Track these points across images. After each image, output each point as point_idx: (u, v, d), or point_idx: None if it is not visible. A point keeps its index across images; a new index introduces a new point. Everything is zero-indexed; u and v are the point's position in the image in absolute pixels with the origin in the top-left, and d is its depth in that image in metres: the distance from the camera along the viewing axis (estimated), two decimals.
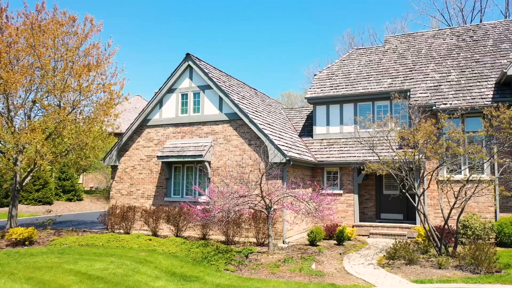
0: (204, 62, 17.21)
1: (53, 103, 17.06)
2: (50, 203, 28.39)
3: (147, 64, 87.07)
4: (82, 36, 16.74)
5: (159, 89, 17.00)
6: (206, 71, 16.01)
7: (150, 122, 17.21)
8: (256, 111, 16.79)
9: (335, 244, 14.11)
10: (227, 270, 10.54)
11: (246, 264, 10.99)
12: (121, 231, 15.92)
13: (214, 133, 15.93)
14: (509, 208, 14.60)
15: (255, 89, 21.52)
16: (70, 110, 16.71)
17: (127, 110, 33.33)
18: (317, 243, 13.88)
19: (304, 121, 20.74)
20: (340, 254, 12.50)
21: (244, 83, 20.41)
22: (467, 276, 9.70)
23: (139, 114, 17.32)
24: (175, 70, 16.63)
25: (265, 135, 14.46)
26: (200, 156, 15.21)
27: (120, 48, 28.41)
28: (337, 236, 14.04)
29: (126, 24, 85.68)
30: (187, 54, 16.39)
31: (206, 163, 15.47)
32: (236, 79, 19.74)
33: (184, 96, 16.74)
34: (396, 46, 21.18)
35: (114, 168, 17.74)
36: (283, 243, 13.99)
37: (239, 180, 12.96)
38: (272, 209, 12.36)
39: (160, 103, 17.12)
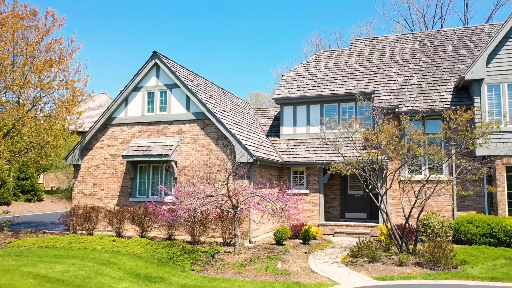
0: (171, 60, 17.01)
1: (12, 100, 16.37)
2: (7, 204, 27.19)
3: (113, 62, 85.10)
4: (43, 30, 16.16)
5: (125, 87, 16.66)
6: (173, 69, 15.83)
7: (115, 120, 16.83)
8: (223, 110, 16.76)
9: (300, 243, 14.29)
10: (193, 270, 10.47)
11: (212, 264, 10.95)
12: (84, 232, 15.48)
13: (181, 132, 15.77)
14: (466, 207, 15.27)
15: (223, 89, 21.47)
16: (30, 107, 16.08)
17: (91, 108, 32.41)
18: (283, 243, 14.01)
19: (271, 121, 20.88)
20: (306, 253, 12.67)
21: (212, 83, 20.32)
22: (426, 272, 10.08)
23: (104, 112, 16.91)
24: (142, 68, 16.35)
25: (233, 135, 14.46)
26: (167, 155, 15.02)
27: (85, 45, 27.64)
28: (303, 235, 14.23)
29: (91, 20, 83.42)
30: (154, 52, 16.15)
31: (173, 163, 15.30)
32: (204, 78, 19.63)
33: (151, 94, 16.48)
34: (361, 49, 21.69)
35: (77, 167, 17.23)
36: (250, 243, 14.03)
37: (205, 180, 12.90)
38: (239, 208, 12.38)
39: (126, 101, 16.78)
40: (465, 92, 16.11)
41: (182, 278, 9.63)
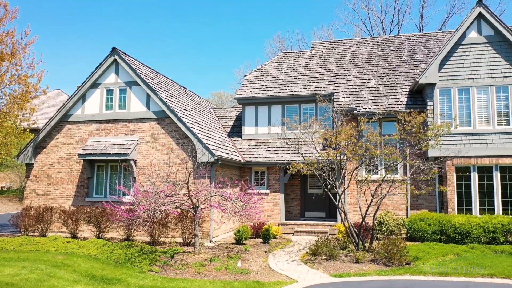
0: (131, 57, 16.65)
1: None
2: None
3: (70, 58, 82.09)
4: None
5: (82, 83, 16.14)
6: (134, 67, 15.51)
7: (72, 118, 16.27)
8: (185, 109, 16.60)
9: (261, 242, 14.39)
10: (152, 271, 10.31)
11: (171, 265, 10.83)
12: (36, 233, 14.85)
13: (140, 131, 15.47)
14: (419, 205, 15.94)
15: (184, 88, 21.26)
16: None
17: (45, 104, 31.12)
18: (244, 242, 14.06)
19: (233, 121, 20.89)
20: (266, 252, 12.78)
21: (173, 81, 20.07)
22: (380, 269, 10.43)
23: (59, 109, 16.30)
24: (100, 64, 15.90)
25: (194, 134, 14.35)
26: (126, 154, 14.70)
27: (39, 39, 26.52)
28: (263, 235, 14.34)
29: (47, 14, 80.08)
30: (113, 48, 15.75)
31: (132, 162, 14.98)
32: (165, 77, 19.35)
33: (110, 91, 16.06)
34: (322, 51, 22.13)
35: (30, 166, 16.50)
36: (210, 243, 13.98)
37: (166, 179, 12.73)
38: (199, 208, 12.31)
39: (83, 98, 16.26)
40: (419, 95, 16.82)
41: (140, 279, 9.45)
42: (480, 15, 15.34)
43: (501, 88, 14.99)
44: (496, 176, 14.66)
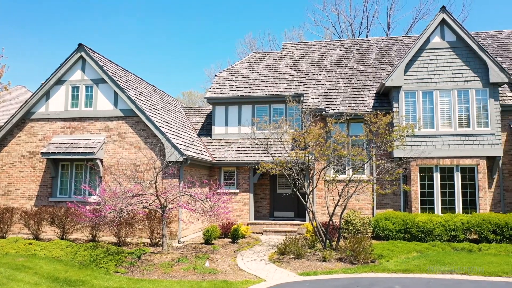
0: (99, 54, 16.28)
1: None
2: None
3: (35, 54, 79.21)
4: None
5: (46, 80, 15.63)
6: (101, 63, 15.16)
7: (35, 115, 15.74)
8: (154, 108, 16.38)
9: (230, 242, 14.38)
10: (118, 272, 10.11)
11: (138, 265, 10.66)
12: None
13: (108, 129, 15.14)
14: (384, 205, 16.36)
15: (154, 86, 20.96)
16: None
17: (7, 101, 29.93)
18: (213, 242, 14.01)
19: (203, 121, 20.77)
20: (234, 251, 12.79)
21: (142, 79, 19.76)
22: (347, 267, 10.64)
23: (22, 106, 15.72)
24: (66, 60, 15.46)
25: (162, 133, 14.18)
26: (92, 153, 14.35)
27: (2, 34, 25.46)
28: (232, 234, 14.34)
29: (10, 6, 76.95)
30: (80, 45, 15.35)
31: (98, 161, 14.65)
32: (134, 75, 19.02)
33: (75, 89, 15.64)
34: (292, 53, 22.35)
35: None
36: (178, 243, 13.85)
37: (133, 179, 12.52)
38: (167, 208, 12.17)
39: (47, 95, 15.76)
40: (386, 97, 17.27)
41: (105, 281, 9.26)
42: (443, 21, 15.91)
43: (462, 92, 15.59)
44: (457, 176, 15.25)
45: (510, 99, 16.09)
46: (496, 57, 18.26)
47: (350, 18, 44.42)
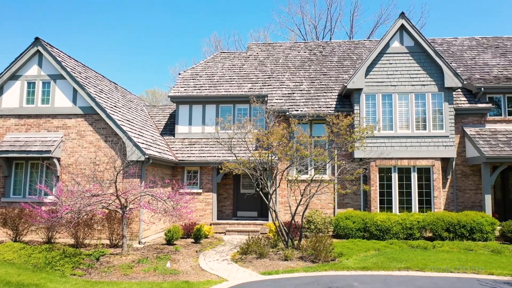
0: (57, 49, 15.69)
1: None
2: None
3: None
4: None
5: (0, 74, 14.90)
6: (59, 59, 14.63)
7: None
8: (115, 106, 15.98)
9: (192, 242, 14.26)
10: (74, 275, 9.80)
11: (96, 268, 10.36)
12: None
13: (66, 127, 14.63)
14: (345, 204, 16.73)
15: (115, 83, 20.45)
16: None
17: None
18: (175, 242, 13.84)
19: (166, 120, 20.48)
20: (197, 252, 12.69)
21: (103, 76, 19.22)
22: (308, 265, 10.80)
23: None
24: (21, 55, 14.80)
25: (124, 132, 13.86)
26: (48, 152, 13.82)
27: None
28: (195, 235, 14.22)
29: None
30: (36, 38, 14.75)
31: (55, 160, 14.12)
32: (94, 71, 18.48)
33: (31, 84, 15.00)
34: (257, 53, 22.45)
35: None
36: (139, 244, 13.58)
37: (92, 178, 12.18)
38: (128, 208, 11.90)
39: (0, 90, 15.03)
40: (347, 99, 17.67)
41: (61, 284, 8.94)
42: (402, 27, 16.47)
43: (420, 96, 16.20)
44: (414, 176, 15.83)
45: (463, 103, 16.88)
46: (451, 63, 19.13)
47: (314, 21, 45.17)
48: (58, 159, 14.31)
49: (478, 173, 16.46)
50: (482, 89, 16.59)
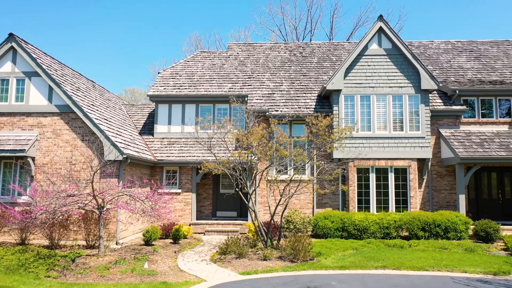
0: (32, 46, 15.32)
1: None
2: None
3: None
4: None
5: None
6: (34, 56, 14.28)
7: None
8: (92, 104, 15.70)
9: (171, 242, 14.13)
10: (49, 277, 9.58)
11: (72, 269, 10.16)
12: None
13: (41, 126, 14.30)
14: (324, 204, 16.88)
15: (93, 82, 20.09)
16: None
17: None
18: (153, 243, 13.69)
19: (145, 119, 20.25)
20: (175, 252, 12.59)
21: (80, 74, 18.86)
22: (287, 265, 10.85)
23: None
24: None
25: (101, 131, 13.63)
26: (22, 151, 13.47)
27: None
28: (173, 235, 14.10)
29: None
30: (10, 34, 14.36)
31: (30, 159, 13.77)
32: (71, 69, 18.11)
33: (5, 82, 14.60)
34: (238, 53, 22.43)
35: None
36: (117, 244, 13.38)
37: (68, 178, 11.93)
38: (105, 209, 11.72)
39: None
40: (327, 100, 17.84)
41: (35, 286, 8.72)
42: (380, 29, 16.73)
43: (397, 97, 16.49)
44: (391, 176, 16.09)
45: (439, 105, 17.27)
46: (427, 66, 19.54)
47: (295, 21, 45.41)
48: (33, 159, 13.97)
49: (453, 174, 16.87)
50: (457, 91, 17.00)
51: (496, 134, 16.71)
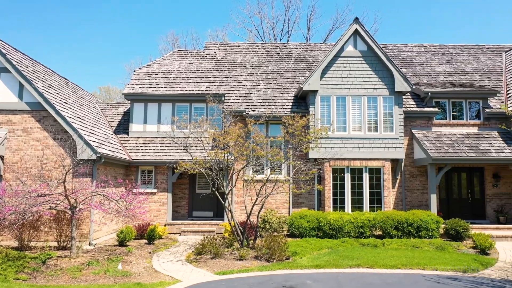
0: (2, 41, 14.84)
1: None
2: None
3: None
4: None
5: None
6: (4, 51, 13.83)
7: None
8: (65, 102, 15.33)
9: (146, 243, 13.94)
10: (18, 279, 9.30)
11: (42, 271, 9.89)
12: None
13: (10, 123, 13.86)
14: (300, 204, 17.01)
15: (66, 79, 19.62)
16: None
17: None
18: (127, 243, 13.47)
19: (120, 118, 19.91)
20: (150, 253, 12.43)
21: (52, 71, 18.39)
22: (262, 264, 10.89)
23: None
24: None
25: (74, 129, 13.32)
26: None
27: None
28: (148, 235, 13.92)
29: None
30: None
31: None
32: (44, 66, 17.63)
33: None
34: (215, 53, 22.34)
35: None
36: (90, 245, 13.10)
37: (38, 178, 11.62)
38: (78, 209, 11.46)
39: None
40: (303, 101, 17.99)
41: None
42: (356, 32, 16.98)
43: (372, 99, 16.77)
44: (366, 176, 16.36)
45: (412, 107, 17.66)
46: (401, 68, 19.96)
47: (272, 22, 45.53)
48: (2, 157, 13.52)
49: (425, 174, 17.29)
50: (429, 94, 17.43)
51: (466, 135, 17.23)
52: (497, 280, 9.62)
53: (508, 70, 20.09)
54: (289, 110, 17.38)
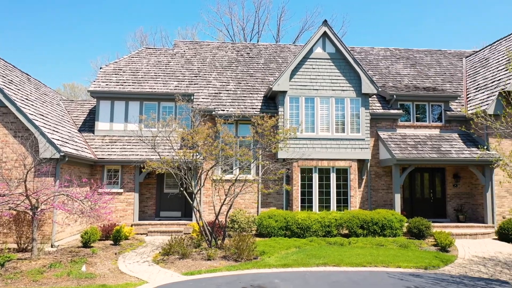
0: None
1: None
2: None
3: None
4: None
5: None
6: None
7: None
8: (26, 99, 14.77)
9: (111, 244, 13.63)
10: None
11: (1, 274, 9.49)
12: None
13: None
14: (268, 203, 17.10)
15: (28, 75, 18.90)
16: None
17: None
18: (92, 245, 13.12)
19: (86, 116, 19.36)
20: (116, 254, 12.16)
21: (13, 66, 17.67)
22: (231, 264, 10.87)
23: None
24: None
25: (36, 127, 12.85)
26: None
27: None
28: (114, 236, 13.61)
29: None
30: None
31: None
32: (4, 60, 16.93)
33: None
34: (184, 51, 22.13)
35: None
36: (52, 247, 12.68)
37: None
38: (39, 209, 11.07)
39: None
40: (272, 101, 18.10)
41: None
42: (325, 34, 17.24)
43: (339, 100, 17.08)
44: (333, 177, 16.65)
45: (378, 109, 18.11)
46: (368, 71, 20.43)
47: (242, 22, 45.60)
48: None
49: (390, 174, 17.77)
50: (395, 96, 17.93)
51: (428, 137, 17.84)
52: (456, 276, 10.01)
53: (468, 75, 20.97)
54: (259, 110, 17.45)
